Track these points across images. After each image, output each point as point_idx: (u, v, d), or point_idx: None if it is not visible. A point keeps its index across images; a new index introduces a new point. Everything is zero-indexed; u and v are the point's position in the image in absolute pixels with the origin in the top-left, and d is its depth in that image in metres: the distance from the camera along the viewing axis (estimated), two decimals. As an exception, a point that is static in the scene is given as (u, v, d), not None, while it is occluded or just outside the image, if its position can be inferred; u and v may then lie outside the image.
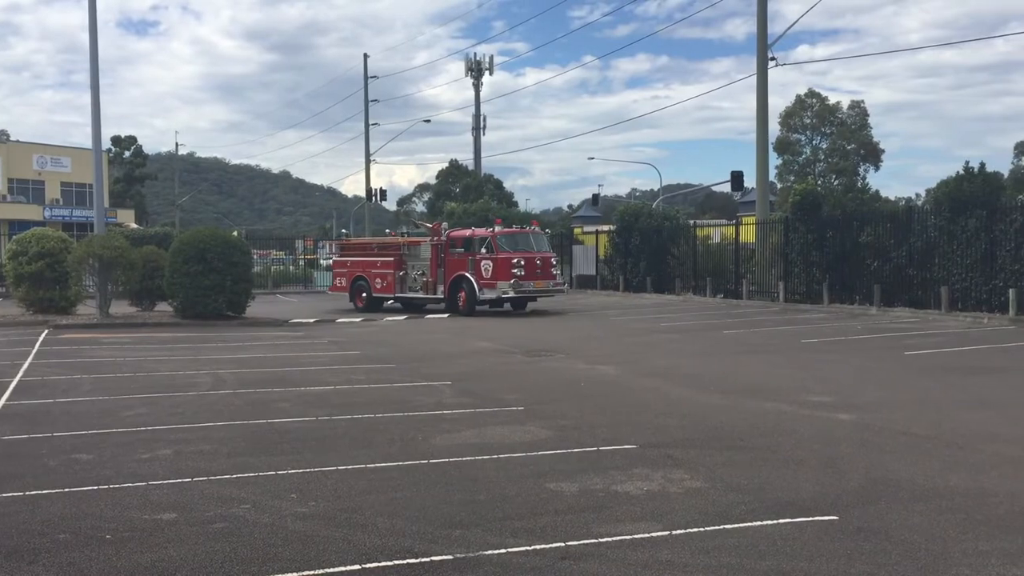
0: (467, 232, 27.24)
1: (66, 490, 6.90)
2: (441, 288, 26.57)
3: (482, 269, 25.52)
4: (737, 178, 37.95)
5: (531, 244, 26.20)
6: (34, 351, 16.22)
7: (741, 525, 5.94)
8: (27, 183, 59.51)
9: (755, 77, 32.03)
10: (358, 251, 30.43)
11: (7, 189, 57.53)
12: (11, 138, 66.40)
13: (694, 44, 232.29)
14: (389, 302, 28.45)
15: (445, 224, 28.55)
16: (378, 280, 28.13)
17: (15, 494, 6.78)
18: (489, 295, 25.38)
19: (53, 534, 5.86)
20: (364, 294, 28.42)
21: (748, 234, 31.53)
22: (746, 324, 21.43)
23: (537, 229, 27.94)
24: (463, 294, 25.97)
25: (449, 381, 12.56)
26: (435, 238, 27.15)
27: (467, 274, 25.82)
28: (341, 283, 29.64)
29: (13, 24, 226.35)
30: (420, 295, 27.42)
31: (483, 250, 25.67)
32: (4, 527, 5.98)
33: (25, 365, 14.30)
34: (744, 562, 5.26)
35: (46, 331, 20.03)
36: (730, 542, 5.61)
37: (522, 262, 25.16)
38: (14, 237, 26.71)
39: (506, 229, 26.89)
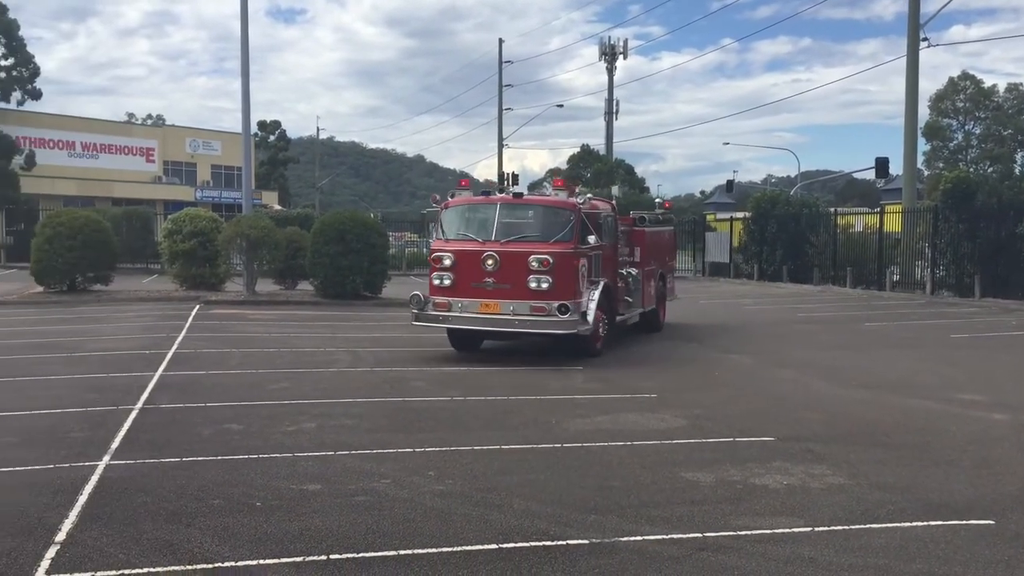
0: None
1: (219, 458, 7.27)
2: None
3: None
4: (882, 164, 36.35)
5: (487, 228, 13.13)
6: (187, 325, 17.10)
7: (889, 525, 5.72)
8: (180, 165, 62.68)
9: (904, 59, 30.62)
10: None
11: (163, 171, 60.78)
12: (167, 123, 70.15)
13: (839, 25, 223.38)
14: None
15: (584, 191, 15.80)
16: None
17: (174, 460, 7.18)
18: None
19: (208, 499, 6.18)
20: None
21: (893, 223, 30.18)
22: (890, 316, 20.56)
23: (555, 194, 13.69)
24: None
25: (580, 367, 12.56)
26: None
27: None
28: None
29: (172, 14, 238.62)
30: None
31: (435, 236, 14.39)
32: (165, 491, 6.34)
33: (179, 338, 15.09)
34: (893, 563, 5.06)
35: (198, 306, 21.06)
36: (877, 542, 5.41)
37: (447, 262, 13.15)
38: (169, 217, 28.22)
39: (464, 198, 13.90)
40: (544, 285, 12.61)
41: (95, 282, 24.11)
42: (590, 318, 12.95)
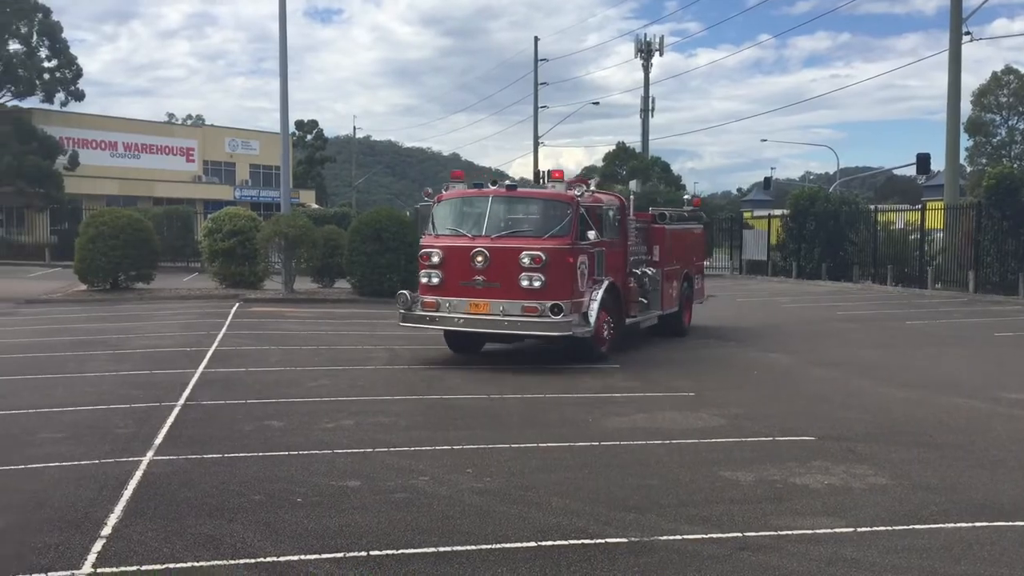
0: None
1: (260, 454, 7.35)
2: None
3: None
4: (923, 161, 35.78)
5: (478, 222, 12.47)
6: (227, 323, 17.29)
7: (933, 526, 5.65)
8: (220, 165, 63.38)
9: (947, 53, 30.18)
10: None
11: (202, 171, 61.50)
12: (206, 123, 71.02)
13: (879, 19, 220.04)
14: None
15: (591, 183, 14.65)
16: None
17: (216, 455, 7.27)
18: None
19: (249, 495, 6.25)
20: None
21: (934, 220, 29.75)
22: (931, 315, 20.26)
23: (552, 186, 12.92)
24: None
25: (618, 365, 12.51)
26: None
27: None
28: None
29: (211, 15, 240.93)
30: None
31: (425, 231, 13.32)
32: (207, 487, 6.43)
33: (220, 336, 15.27)
34: (937, 565, 4.99)
35: (237, 304, 21.29)
36: (921, 543, 5.34)
37: (435, 259, 12.53)
38: (209, 216, 28.55)
39: (456, 191, 13.25)
40: (536, 284, 11.81)
41: (137, 280, 24.48)
42: (591, 319, 12.22)
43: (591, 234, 12.38)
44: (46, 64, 47.60)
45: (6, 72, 46.36)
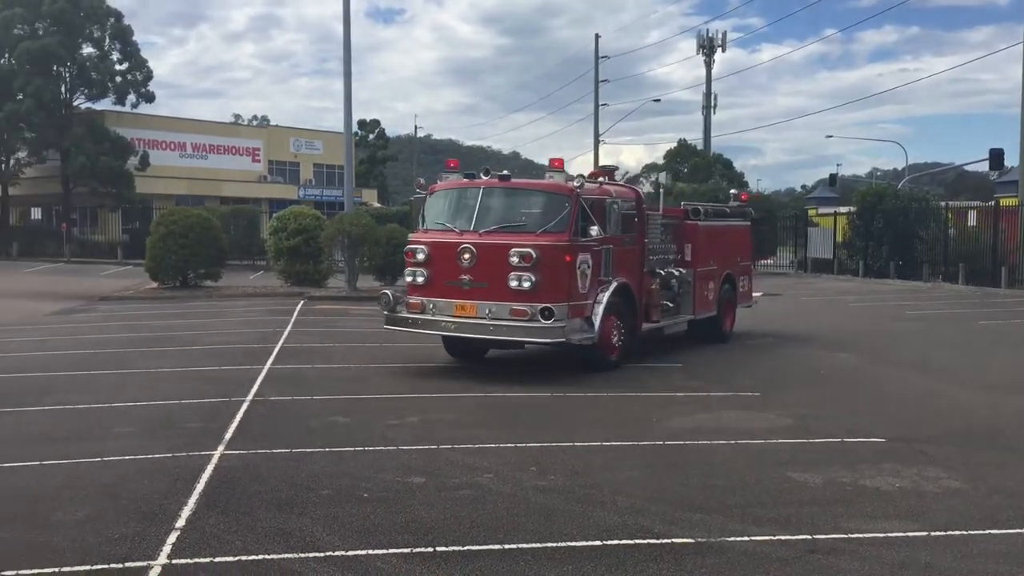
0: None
1: (327, 449, 7.45)
2: None
3: None
4: (996, 156, 34.77)
5: (467, 216, 11.49)
6: (292, 320, 17.57)
7: (1011, 531, 5.50)
8: (284, 165, 64.36)
9: (1021, 46, 29.32)
10: None
11: (268, 170, 62.55)
12: (271, 123, 72.25)
13: (949, 12, 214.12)
14: None
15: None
16: None
17: (284, 450, 7.40)
18: None
19: (318, 489, 6.35)
20: None
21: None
22: (1006, 315, 19.69)
23: (551, 177, 11.81)
24: None
25: (680, 364, 12.42)
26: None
27: None
28: None
29: (275, 17, 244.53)
30: None
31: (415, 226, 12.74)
32: (276, 481, 6.54)
33: (285, 333, 15.53)
34: (1015, 571, 4.86)
35: (302, 302, 21.62)
36: (998, 548, 5.20)
37: (421, 256, 11.59)
38: (275, 215, 29.06)
39: (448, 183, 12.40)
40: (526, 284, 10.70)
41: (206, 278, 25.05)
42: (596, 323, 11.20)
43: (593, 230, 11.27)
44: (118, 67, 48.93)
45: (80, 75, 47.81)
